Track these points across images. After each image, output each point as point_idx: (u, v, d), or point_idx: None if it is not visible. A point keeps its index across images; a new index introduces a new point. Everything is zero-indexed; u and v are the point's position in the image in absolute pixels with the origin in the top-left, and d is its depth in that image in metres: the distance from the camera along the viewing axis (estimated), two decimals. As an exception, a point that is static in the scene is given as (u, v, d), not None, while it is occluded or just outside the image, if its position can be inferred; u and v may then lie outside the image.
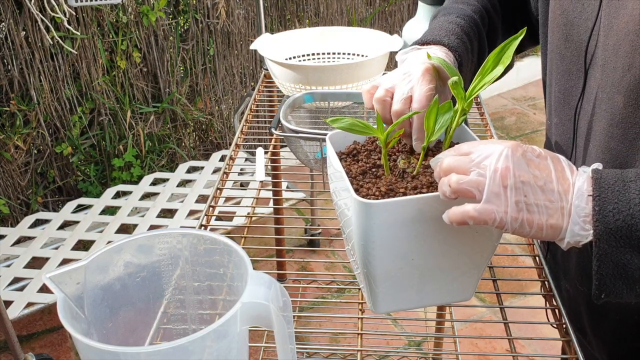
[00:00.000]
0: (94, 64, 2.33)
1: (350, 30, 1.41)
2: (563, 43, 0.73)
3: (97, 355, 0.48)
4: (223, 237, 0.59)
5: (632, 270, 0.54)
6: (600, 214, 0.54)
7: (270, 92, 1.46)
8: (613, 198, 0.54)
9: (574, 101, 0.73)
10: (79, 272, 0.55)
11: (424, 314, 1.81)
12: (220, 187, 1.04)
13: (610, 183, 0.55)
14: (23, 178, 2.32)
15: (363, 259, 0.66)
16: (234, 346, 0.53)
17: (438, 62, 0.71)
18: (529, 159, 0.56)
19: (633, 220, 0.53)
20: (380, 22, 3.19)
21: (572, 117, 0.74)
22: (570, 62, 0.73)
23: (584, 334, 0.81)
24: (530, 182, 0.55)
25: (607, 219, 0.53)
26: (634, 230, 0.53)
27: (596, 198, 0.54)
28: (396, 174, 0.69)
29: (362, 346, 0.77)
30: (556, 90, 0.77)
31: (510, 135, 3.36)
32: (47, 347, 1.99)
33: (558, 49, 0.75)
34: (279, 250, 2.08)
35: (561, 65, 0.75)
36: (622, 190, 0.54)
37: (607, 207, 0.54)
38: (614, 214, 0.53)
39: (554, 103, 0.79)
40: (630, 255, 0.53)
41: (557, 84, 0.77)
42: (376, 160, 0.72)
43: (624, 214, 0.53)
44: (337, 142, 0.75)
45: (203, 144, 2.82)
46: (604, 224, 0.54)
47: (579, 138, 0.73)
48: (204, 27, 2.58)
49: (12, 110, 2.19)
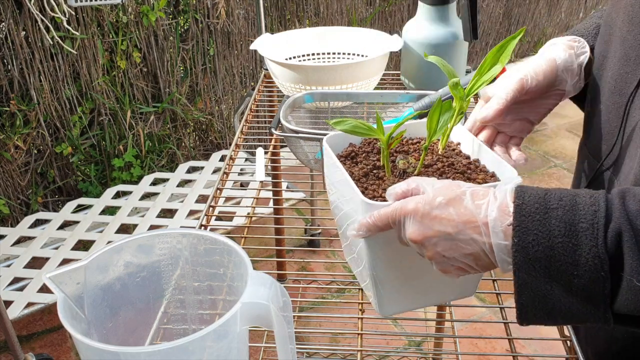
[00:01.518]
0: (94, 64, 2.33)
1: (350, 30, 1.41)
2: (627, 25, 0.69)
3: (97, 355, 0.48)
4: (223, 237, 0.59)
5: (553, 301, 0.53)
6: (520, 245, 0.53)
7: (270, 92, 1.46)
8: (533, 228, 0.53)
9: (629, 89, 0.69)
10: (79, 272, 0.55)
11: (424, 314, 1.81)
12: (220, 187, 1.04)
13: (531, 211, 0.53)
14: (23, 178, 2.32)
15: (372, 262, 0.66)
16: (234, 346, 0.53)
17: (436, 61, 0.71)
18: (434, 216, 0.58)
19: (552, 252, 0.52)
20: (380, 22, 3.19)
21: (624, 106, 0.70)
22: (630, 47, 0.69)
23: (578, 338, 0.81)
24: (441, 237, 0.57)
25: (527, 250, 0.53)
26: (553, 261, 0.52)
27: (516, 228, 0.53)
28: (397, 175, 0.69)
29: (362, 346, 0.77)
30: (609, 76, 0.73)
31: (510, 135, 3.35)
32: (47, 347, 1.99)
33: (620, 31, 0.71)
34: (279, 250, 2.08)
35: (620, 50, 0.71)
36: (543, 219, 0.53)
37: (526, 238, 0.53)
38: (533, 245, 0.52)
39: (605, 89, 0.74)
40: (550, 286, 0.53)
41: (612, 69, 0.73)
42: (375, 162, 0.72)
43: (544, 245, 0.52)
44: (334, 145, 0.75)
45: (203, 144, 2.82)
46: (523, 254, 0.53)
47: (628, 127, 0.69)
48: (204, 27, 2.58)
49: (12, 110, 2.19)
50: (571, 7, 4.05)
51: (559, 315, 0.54)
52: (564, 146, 3.23)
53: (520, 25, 3.85)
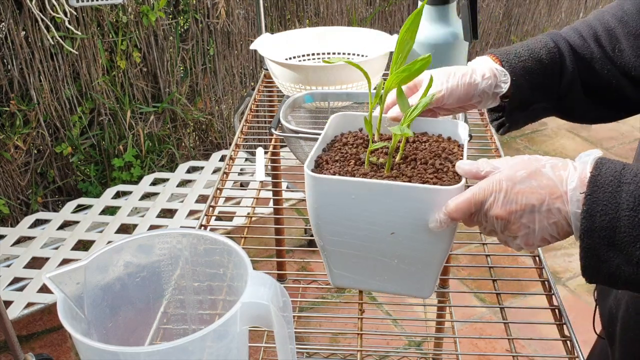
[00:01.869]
0: (94, 64, 2.33)
1: (350, 30, 1.41)
2: None
3: (97, 355, 0.48)
4: (223, 237, 0.59)
5: (613, 268, 0.57)
6: (588, 213, 0.56)
7: (270, 92, 1.46)
8: (603, 199, 0.56)
9: None
10: (79, 272, 0.55)
11: (424, 314, 1.81)
12: (220, 187, 1.04)
13: (604, 183, 0.57)
14: (23, 178, 2.32)
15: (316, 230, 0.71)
16: (234, 346, 0.53)
17: None
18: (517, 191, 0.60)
19: (618, 223, 0.55)
20: (380, 22, 3.19)
21: None
22: None
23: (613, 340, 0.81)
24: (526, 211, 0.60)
25: (594, 218, 0.56)
26: (617, 232, 0.56)
27: (587, 197, 0.57)
28: (374, 168, 0.71)
29: (362, 346, 0.77)
30: None
31: (510, 136, 3.36)
32: (47, 347, 1.99)
33: None
34: (279, 250, 2.08)
35: None
36: (614, 192, 0.56)
37: (595, 208, 0.56)
38: (600, 214, 0.56)
39: None
40: (613, 254, 0.56)
41: None
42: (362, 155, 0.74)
43: (610, 216, 0.56)
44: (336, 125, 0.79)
45: (203, 144, 2.82)
46: (589, 222, 0.56)
47: None
48: (204, 27, 2.58)
49: (12, 110, 2.19)
50: (571, 7, 4.05)
51: (619, 281, 0.58)
52: (564, 146, 3.23)
53: (520, 25, 3.84)
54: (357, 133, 0.79)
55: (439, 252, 0.68)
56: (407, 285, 0.73)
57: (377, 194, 0.64)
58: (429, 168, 0.70)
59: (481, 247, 0.95)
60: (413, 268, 0.70)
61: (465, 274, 2.31)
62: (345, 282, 0.76)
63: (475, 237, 1.50)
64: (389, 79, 0.69)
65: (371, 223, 0.66)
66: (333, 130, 0.80)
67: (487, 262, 0.90)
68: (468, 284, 2.25)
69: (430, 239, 0.66)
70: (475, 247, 2.12)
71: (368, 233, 0.68)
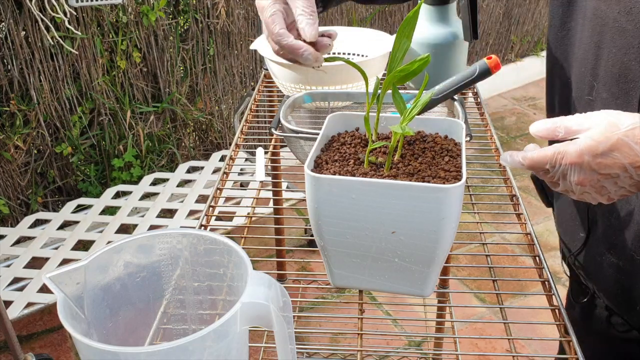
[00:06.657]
0: (94, 64, 2.33)
1: (350, 30, 1.41)
2: (624, 16, 0.75)
3: (97, 355, 0.48)
4: (223, 237, 0.59)
5: None
6: None
7: (270, 92, 1.46)
8: None
9: (636, 74, 0.75)
10: (79, 272, 0.55)
11: (424, 314, 1.81)
12: (220, 187, 1.04)
13: None
14: (23, 178, 2.32)
15: (316, 230, 0.71)
16: (234, 346, 0.53)
17: None
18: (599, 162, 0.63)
19: None
20: (380, 22, 3.19)
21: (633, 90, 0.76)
22: (632, 36, 0.75)
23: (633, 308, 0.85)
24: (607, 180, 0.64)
25: None
26: None
27: None
28: (373, 168, 0.71)
29: (362, 346, 0.77)
30: (610, 65, 0.79)
31: (510, 135, 3.36)
32: (47, 347, 1.99)
33: (616, 22, 0.76)
34: (279, 250, 2.08)
35: (619, 40, 0.76)
36: None
37: None
38: None
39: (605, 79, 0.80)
40: None
41: (613, 58, 0.78)
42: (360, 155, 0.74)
43: None
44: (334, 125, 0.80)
45: (203, 144, 2.82)
46: None
47: None
48: (204, 27, 2.58)
49: (12, 110, 2.19)
50: (571, 7, 4.04)
51: None
52: (564, 146, 3.23)
53: (520, 25, 3.85)
54: (354, 133, 0.80)
55: (440, 250, 0.68)
56: (408, 284, 0.73)
57: (378, 193, 0.64)
58: (429, 166, 0.70)
59: (481, 247, 0.95)
60: (414, 267, 0.70)
61: (465, 274, 2.31)
62: (346, 282, 0.76)
63: (475, 237, 1.49)
64: (386, 78, 0.69)
65: (372, 222, 0.67)
66: (330, 130, 0.80)
67: (487, 262, 0.90)
68: (468, 284, 2.25)
69: (431, 237, 0.66)
70: (475, 247, 2.12)
71: (368, 232, 0.68)
